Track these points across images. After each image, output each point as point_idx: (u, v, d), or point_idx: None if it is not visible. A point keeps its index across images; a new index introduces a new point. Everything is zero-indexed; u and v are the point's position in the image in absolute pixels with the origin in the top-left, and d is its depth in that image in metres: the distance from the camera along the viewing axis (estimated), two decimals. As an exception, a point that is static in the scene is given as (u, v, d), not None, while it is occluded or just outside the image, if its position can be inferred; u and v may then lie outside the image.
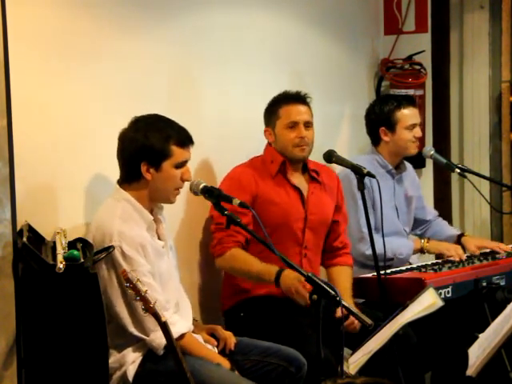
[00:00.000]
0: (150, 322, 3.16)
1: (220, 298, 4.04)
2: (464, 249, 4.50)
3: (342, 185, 4.36)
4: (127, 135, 3.33)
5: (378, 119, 4.61)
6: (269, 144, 4.05)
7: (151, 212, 3.38)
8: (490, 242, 4.73)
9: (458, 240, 4.63)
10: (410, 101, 4.64)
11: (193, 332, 3.43)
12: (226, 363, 3.33)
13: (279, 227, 3.89)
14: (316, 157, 4.07)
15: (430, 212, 4.86)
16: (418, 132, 4.55)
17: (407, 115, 4.54)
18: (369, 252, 4.34)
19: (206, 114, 4.13)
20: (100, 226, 3.26)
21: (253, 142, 4.17)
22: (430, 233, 4.76)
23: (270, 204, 3.90)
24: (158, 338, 3.19)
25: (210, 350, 3.41)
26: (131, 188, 3.34)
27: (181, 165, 3.35)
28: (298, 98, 3.98)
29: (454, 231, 4.76)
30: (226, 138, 4.21)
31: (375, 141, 4.63)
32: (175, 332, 3.18)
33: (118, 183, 3.37)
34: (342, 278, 4.04)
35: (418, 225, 4.79)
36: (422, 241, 4.50)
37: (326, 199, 4.09)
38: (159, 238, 3.41)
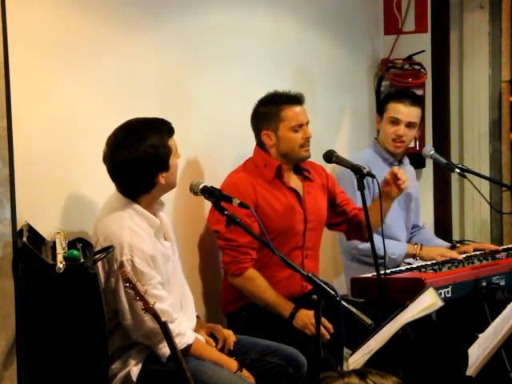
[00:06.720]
0: (157, 336, 3.14)
1: (221, 301, 4.02)
2: None
3: (341, 181, 4.35)
4: (140, 151, 3.19)
5: (378, 105, 4.61)
6: (259, 147, 3.97)
7: (155, 213, 3.35)
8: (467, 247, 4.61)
9: None
10: (412, 98, 4.54)
11: (194, 330, 3.42)
12: (233, 364, 3.33)
13: (281, 233, 3.88)
14: (316, 155, 4.06)
15: (421, 219, 4.84)
16: (399, 130, 4.47)
17: (393, 108, 4.49)
18: (361, 246, 4.34)
19: (206, 115, 4.12)
20: (108, 236, 3.19)
21: (252, 142, 4.17)
22: (417, 239, 4.68)
23: (270, 211, 3.86)
24: (163, 347, 3.17)
25: (220, 354, 3.39)
26: (136, 198, 3.27)
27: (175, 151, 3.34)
28: (298, 99, 3.92)
29: (443, 242, 4.68)
30: (225, 138, 4.21)
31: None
32: (185, 342, 3.21)
33: (121, 193, 3.28)
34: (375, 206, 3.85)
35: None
36: (416, 246, 4.41)
37: (320, 196, 4.07)
38: (165, 239, 3.38)
